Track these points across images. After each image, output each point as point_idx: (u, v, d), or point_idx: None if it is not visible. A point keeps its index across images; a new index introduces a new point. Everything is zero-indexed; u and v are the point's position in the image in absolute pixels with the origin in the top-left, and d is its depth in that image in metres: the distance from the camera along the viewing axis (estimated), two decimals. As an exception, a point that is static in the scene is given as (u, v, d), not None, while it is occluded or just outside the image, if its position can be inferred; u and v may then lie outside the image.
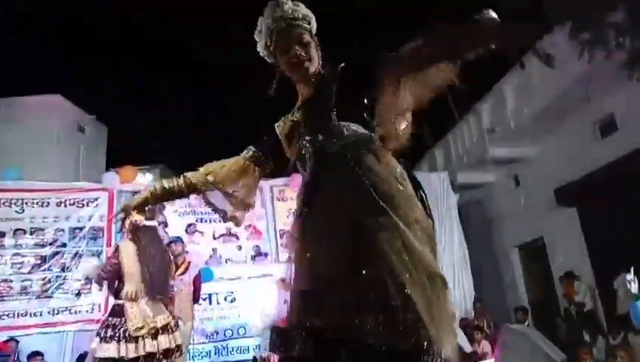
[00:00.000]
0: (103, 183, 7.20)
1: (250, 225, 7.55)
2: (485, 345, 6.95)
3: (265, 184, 7.71)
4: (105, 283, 4.13)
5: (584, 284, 8.08)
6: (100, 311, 6.47)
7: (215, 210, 2.02)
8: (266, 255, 7.48)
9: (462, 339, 7.17)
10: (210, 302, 6.95)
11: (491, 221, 11.13)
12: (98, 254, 6.79)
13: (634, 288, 3.63)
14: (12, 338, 6.17)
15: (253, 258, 7.48)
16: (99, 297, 6.55)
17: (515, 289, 10.63)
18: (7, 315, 6.31)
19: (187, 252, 5.90)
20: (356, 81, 1.75)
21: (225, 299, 7.06)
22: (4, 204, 6.72)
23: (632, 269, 3.76)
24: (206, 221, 7.38)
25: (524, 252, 10.68)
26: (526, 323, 8.04)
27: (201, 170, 1.98)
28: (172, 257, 4.20)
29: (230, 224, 7.61)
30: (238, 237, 7.48)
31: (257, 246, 7.52)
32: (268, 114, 2.14)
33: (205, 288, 6.43)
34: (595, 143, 8.35)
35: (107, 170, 15.04)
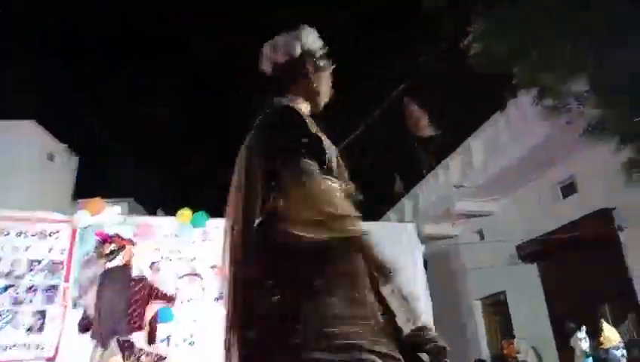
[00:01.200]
0: (74, 220, 7.05)
1: (215, 266, 7.47)
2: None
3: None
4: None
5: (524, 343, 8.32)
6: (50, 348, 6.22)
7: None
8: (229, 297, 7.37)
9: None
10: (169, 344, 6.76)
11: (455, 273, 11.26)
12: (55, 288, 6.59)
13: (584, 346, 3.74)
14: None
15: (217, 299, 7.37)
16: (52, 334, 6.31)
17: (476, 341, 10.69)
18: (-49, 349, 6.01)
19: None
20: None
21: (184, 341, 6.89)
22: (-40, 231, 6.51)
23: (583, 328, 3.86)
24: (170, 259, 7.28)
25: (486, 305, 10.81)
26: (484, 376, 8.11)
27: None
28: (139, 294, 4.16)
29: (194, 263, 7.39)
30: (202, 278, 7.38)
31: (221, 287, 7.42)
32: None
33: (164, 329, 6.27)
34: (556, 203, 8.67)
35: (74, 200, 14.79)
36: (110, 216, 7.43)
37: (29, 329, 6.24)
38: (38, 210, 7.54)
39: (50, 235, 6.83)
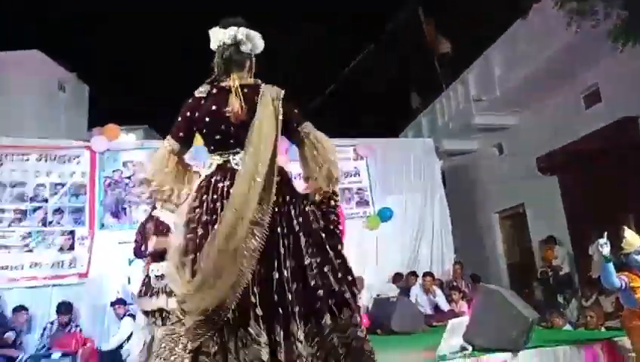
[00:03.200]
0: (91, 145, 7.08)
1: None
2: (462, 305, 7.15)
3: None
4: None
5: (563, 249, 8.36)
6: (82, 266, 6.48)
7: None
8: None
9: (441, 299, 7.39)
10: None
11: (474, 187, 11.27)
12: (81, 210, 6.75)
13: (605, 251, 3.75)
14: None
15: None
16: (82, 253, 6.55)
17: (494, 252, 10.88)
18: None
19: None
20: None
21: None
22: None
23: (605, 234, 3.86)
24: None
25: (504, 218, 10.89)
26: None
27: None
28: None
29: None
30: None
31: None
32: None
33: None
34: (579, 114, 8.44)
35: (89, 129, 14.82)
36: (127, 140, 7.45)
37: (61, 249, 6.49)
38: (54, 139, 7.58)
39: (70, 160, 6.91)
